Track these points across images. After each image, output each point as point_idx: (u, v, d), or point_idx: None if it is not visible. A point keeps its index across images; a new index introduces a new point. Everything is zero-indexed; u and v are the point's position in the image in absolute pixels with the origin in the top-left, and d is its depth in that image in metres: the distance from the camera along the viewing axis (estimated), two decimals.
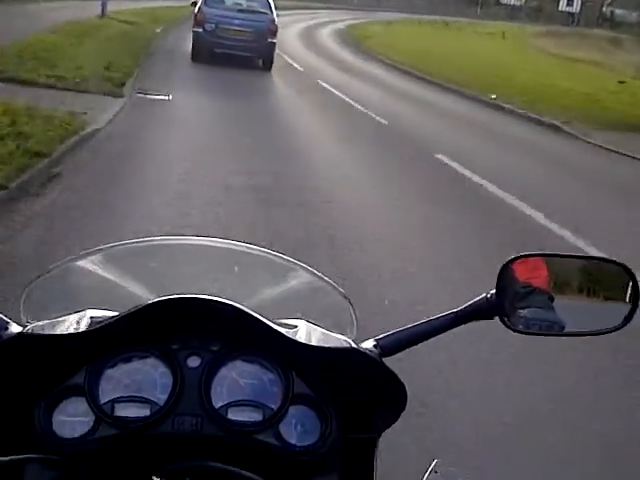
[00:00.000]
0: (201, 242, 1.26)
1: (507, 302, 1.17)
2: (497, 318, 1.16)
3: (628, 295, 1.22)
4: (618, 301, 1.26)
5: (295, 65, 18.49)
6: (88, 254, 1.19)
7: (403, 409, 1.07)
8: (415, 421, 2.95)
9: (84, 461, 0.89)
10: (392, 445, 1.19)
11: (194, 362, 1.02)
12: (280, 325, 1.05)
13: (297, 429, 1.00)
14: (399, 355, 1.12)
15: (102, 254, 1.20)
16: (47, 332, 1.04)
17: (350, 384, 1.04)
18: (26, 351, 1.01)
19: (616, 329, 1.21)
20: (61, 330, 1.03)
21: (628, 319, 1.20)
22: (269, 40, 16.22)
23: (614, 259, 1.25)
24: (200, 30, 16.01)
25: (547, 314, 1.20)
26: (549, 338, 1.23)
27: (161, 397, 1.00)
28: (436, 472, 0.76)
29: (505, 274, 1.17)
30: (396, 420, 1.09)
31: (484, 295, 1.17)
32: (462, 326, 1.15)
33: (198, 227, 5.44)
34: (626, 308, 1.21)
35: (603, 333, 1.22)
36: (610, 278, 1.29)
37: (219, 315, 1.02)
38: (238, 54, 16.00)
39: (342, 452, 1.02)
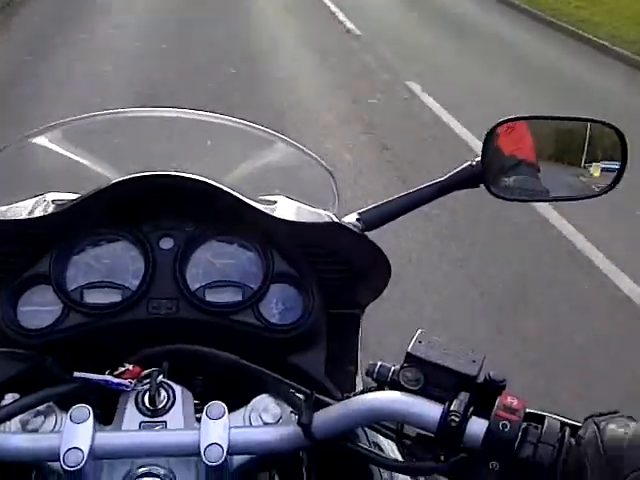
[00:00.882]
0: (170, 114, 1.19)
1: (493, 170, 1.13)
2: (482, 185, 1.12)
3: (616, 155, 1.19)
4: (605, 162, 1.22)
5: None
6: (45, 130, 1.11)
7: (386, 283, 1.04)
8: None
9: (53, 352, 0.86)
10: None
11: (167, 244, 0.97)
12: (258, 201, 1.00)
13: (278, 307, 0.97)
14: None
15: (61, 129, 1.12)
16: (5, 217, 0.97)
17: (332, 260, 1.00)
18: None
19: (604, 192, 1.18)
20: (21, 215, 0.97)
21: (616, 181, 1.17)
22: None
23: (603, 120, 1.20)
24: None
25: (532, 182, 1.17)
26: None
27: (133, 282, 0.95)
28: (420, 342, 0.74)
29: (490, 141, 1.13)
30: (379, 295, 1.06)
31: (468, 163, 1.13)
32: None
33: None
34: (614, 169, 1.17)
35: (590, 197, 1.19)
36: (598, 140, 1.24)
37: (192, 193, 0.96)
38: None
39: (325, 328, 1.00)
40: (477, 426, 0.69)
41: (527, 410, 0.69)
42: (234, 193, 0.95)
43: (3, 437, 0.74)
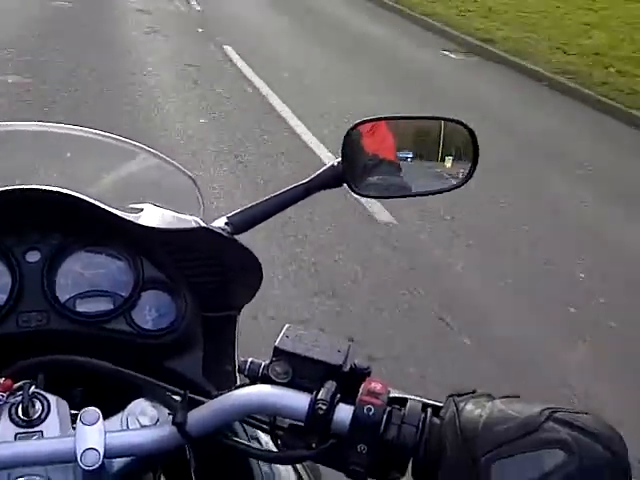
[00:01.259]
0: (30, 128, 1.17)
1: (355, 170, 1.17)
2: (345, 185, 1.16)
3: (468, 152, 1.26)
4: (460, 159, 1.29)
5: None
6: None
7: (259, 284, 1.07)
8: None
9: None
10: None
11: (33, 257, 0.97)
12: (124, 211, 1.00)
13: (151, 314, 0.98)
14: None
15: None
16: None
17: (204, 264, 1.02)
18: None
19: (457, 186, 1.25)
20: None
21: (468, 176, 1.24)
22: None
23: (456, 118, 1.27)
24: None
25: (394, 180, 1.22)
26: None
27: (1, 296, 0.94)
28: (287, 337, 0.77)
29: (349, 142, 1.17)
30: (253, 296, 1.09)
31: (330, 164, 1.16)
32: None
33: None
34: (467, 166, 1.24)
35: (447, 190, 1.26)
36: (452, 137, 1.31)
37: (56, 205, 0.96)
38: None
39: (201, 331, 1.02)
40: (344, 412, 0.71)
41: (391, 395, 0.72)
42: (96, 203, 0.95)
43: None
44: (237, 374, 1.05)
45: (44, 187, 0.94)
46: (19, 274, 0.95)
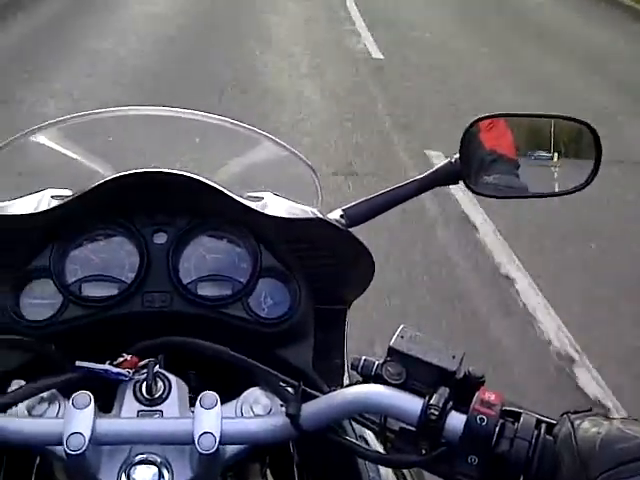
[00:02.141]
0: (161, 112, 1.22)
1: (472, 167, 1.17)
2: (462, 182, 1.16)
3: (591, 152, 1.23)
4: (581, 159, 1.26)
5: None
6: (42, 128, 1.14)
7: (371, 280, 1.08)
8: None
9: (55, 342, 0.89)
10: None
11: (160, 238, 1.01)
12: (245, 198, 1.03)
13: (267, 302, 1.01)
14: None
15: (56, 128, 1.15)
16: (7, 212, 1.01)
17: (318, 255, 1.04)
18: None
19: (580, 188, 1.22)
20: (21, 210, 1.01)
21: (592, 177, 1.21)
22: None
23: (575, 117, 1.24)
24: None
25: (511, 179, 1.21)
26: None
27: (129, 275, 0.99)
28: (402, 337, 0.78)
29: (468, 138, 1.16)
30: (364, 291, 1.10)
31: (448, 160, 1.16)
32: None
33: None
34: (589, 165, 1.22)
35: (567, 193, 1.23)
36: (573, 136, 1.29)
37: (184, 189, 1.00)
38: None
39: (313, 323, 1.03)
40: (456, 420, 0.70)
41: (504, 407, 0.71)
42: (223, 189, 0.98)
43: (10, 421, 0.77)
44: (346, 369, 1.07)
45: (173, 171, 0.98)
46: (147, 255, 0.99)
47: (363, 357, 0.79)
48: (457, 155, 1.15)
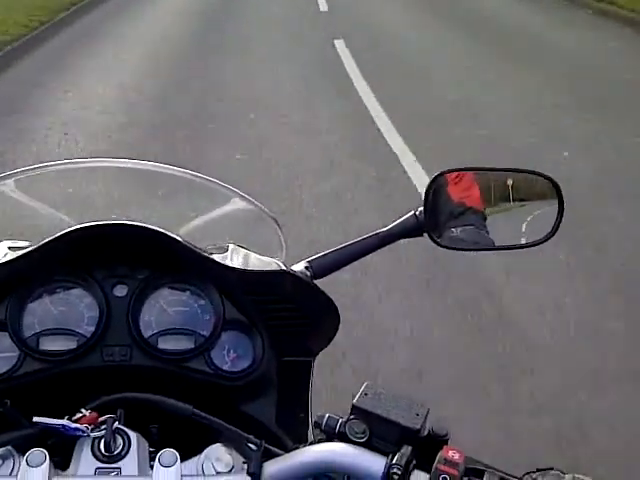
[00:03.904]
0: (123, 164, 1.20)
1: (439, 220, 1.16)
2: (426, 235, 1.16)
3: (554, 204, 1.24)
4: (545, 211, 1.27)
5: None
6: (1, 178, 1.12)
7: (336, 331, 1.06)
8: None
9: (11, 396, 0.86)
10: None
11: (121, 291, 0.99)
12: (209, 250, 1.02)
13: (230, 355, 0.99)
14: None
15: (14, 179, 1.13)
16: None
17: (283, 307, 1.02)
18: None
19: (543, 241, 1.23)
20: None
21: (554, 230, 1.22)
22: None
23: (541, 172, 1.25)
24: None
25: (478, 232, 1.20)
26: None
27: (88, 329, 0.96)
28: (366, 394, 0.77)
29: (433, 191, 1.16)
30: (329, 342, 1.09)
31: (412, 212, 1.16)
32: None
33: None
34: (552, 217, 1.22)
35: (531, 246, 1.24)
36: (537, 189, 1.30)
37: (145, 242, 0.98)
38: None
39: (276, 376, 1.02)
40: (419, 479, 0.70)
41: (468, 465, 0.70)
42: (184, 242, 0.97)
43: None
44: (310, 422, 1.04)
45: (134, 223, 0.97)
46: (107, 307, 0.97)
47: (327, 414, 0.78)
48: (421, 208, 1.15)
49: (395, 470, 0.70)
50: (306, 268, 1.12)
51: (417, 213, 1.15)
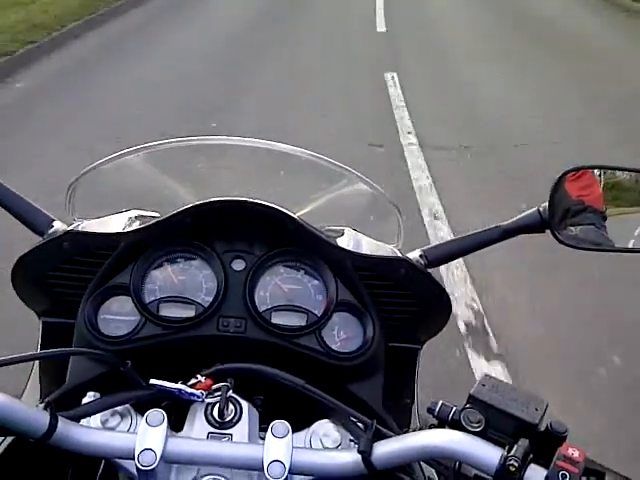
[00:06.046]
0: (247, 143, 1.23)
1: (558, 217, 1.14)
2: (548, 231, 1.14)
3: None
4: None
5: None
6: (132, 152, 1.17)
7: (447, 321, 1.06)
8: None
9: (131, 358, 0.91)
10: None
11: (239, 265, 1.02)
12: (325, 232, 1.04)
13: (340, 335, 1.00)
14: None
15: (146, 152, 1.18)
16: (93, 230, 1.04)
17: (396, 294, 1.03)
18: (72, 249, 1.01)
19: None
20: (107, 229, 1.03)
21: None
22: None
23: None
24: None
25: (598, 232, 1.17)
26: None
27: (206, 299, 1.00)
28: (483, 385, 0.77)
29: (558, 188, 1.14)
30: (439, 332, 1.08)
31: (536, 209, 1.14)
32: None
33: None
34: None
35: None
36: None
37: (265, 220, 1.01)
38: None
39: (384, 360, 1.02)
40: (536, 474, 0.69)
41: (587, 466, 0.69)
42: (303, 222, 0.99)
43: (83, 432, 0.78)
44: (415, 410, 1.05)
45: (256, 201, 0.99)
46: (225, 280, 1.00)
47: (440, 401, 0.78)
48: (545, 204, 1.13)
49: (512, 462, 0.69)
50: (420, 257, 1.12)
51: (541, 209, 1.13)
